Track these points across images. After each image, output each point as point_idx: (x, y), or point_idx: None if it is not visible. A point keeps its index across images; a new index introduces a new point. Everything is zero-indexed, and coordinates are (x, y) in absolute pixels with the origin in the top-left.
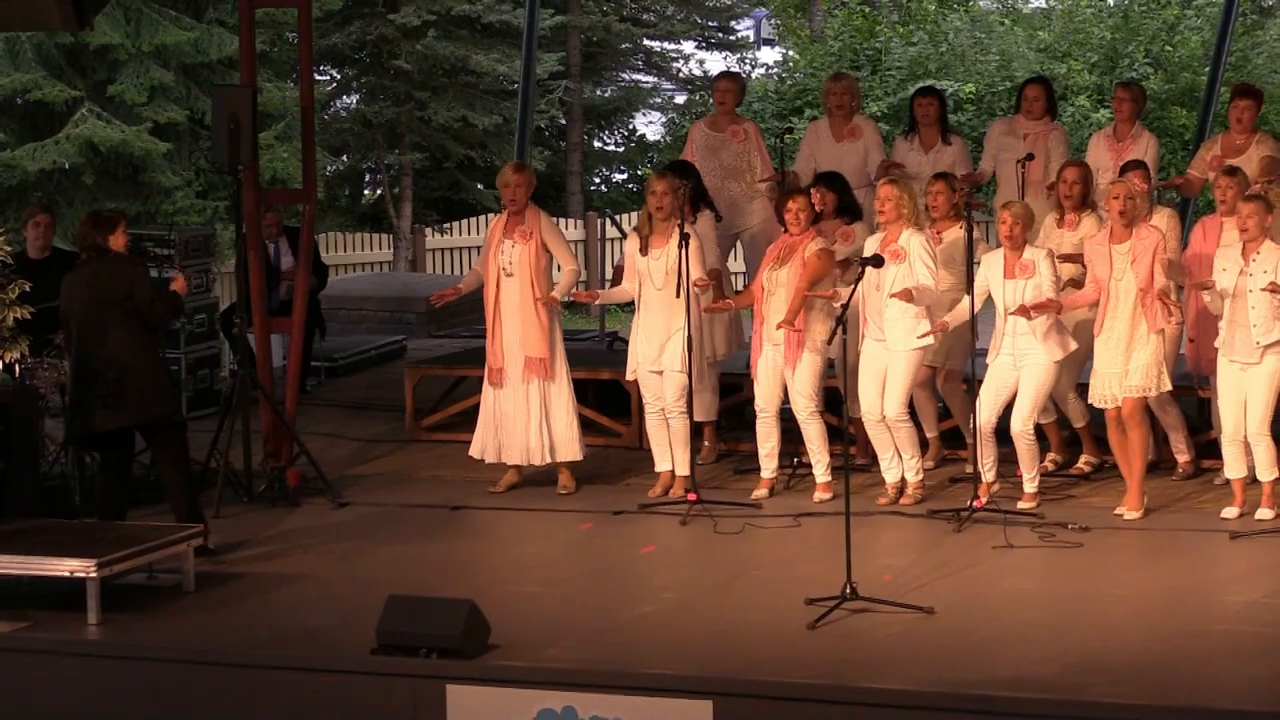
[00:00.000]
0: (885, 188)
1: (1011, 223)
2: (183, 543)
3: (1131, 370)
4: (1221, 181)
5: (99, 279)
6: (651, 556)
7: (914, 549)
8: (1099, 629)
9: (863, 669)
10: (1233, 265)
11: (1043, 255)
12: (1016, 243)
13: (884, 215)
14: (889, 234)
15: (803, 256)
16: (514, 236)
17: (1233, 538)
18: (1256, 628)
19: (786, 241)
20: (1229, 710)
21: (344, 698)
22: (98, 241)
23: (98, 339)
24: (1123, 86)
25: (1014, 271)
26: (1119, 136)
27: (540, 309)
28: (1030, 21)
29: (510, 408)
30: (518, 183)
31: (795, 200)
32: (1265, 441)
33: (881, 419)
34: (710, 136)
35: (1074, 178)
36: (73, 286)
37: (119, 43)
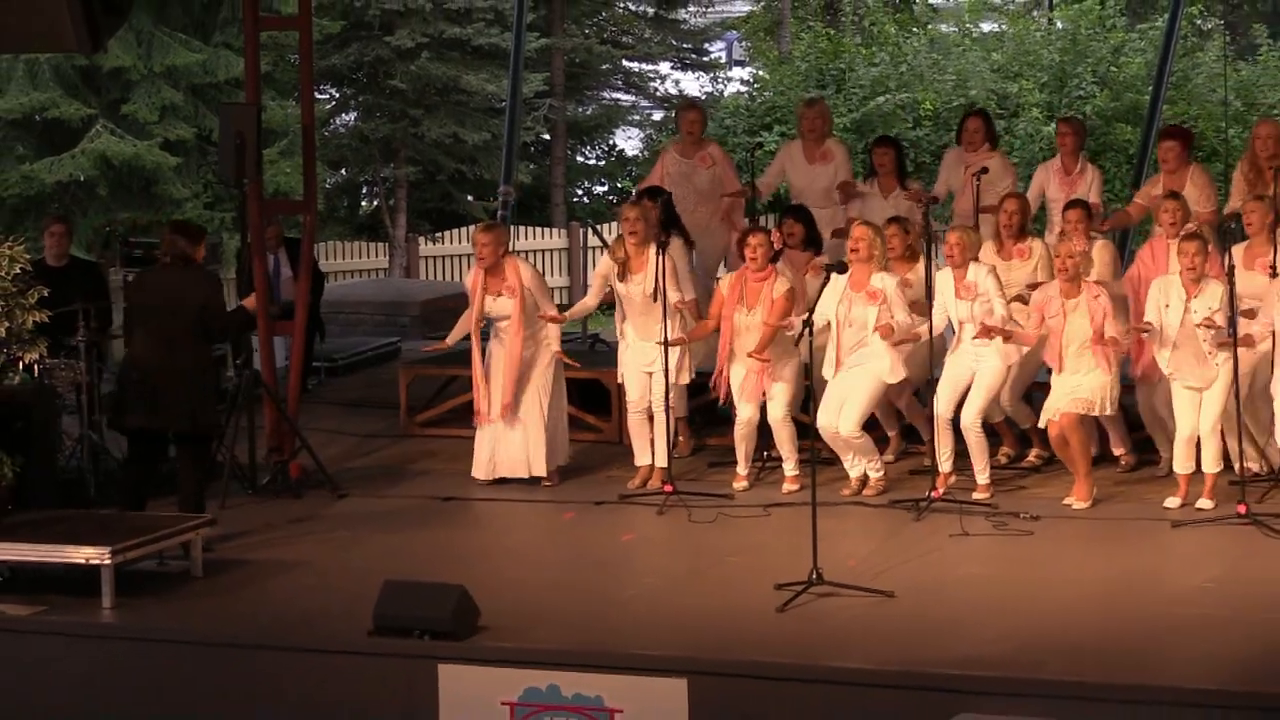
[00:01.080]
0: (859, 229)
1: (953, 244)
2: (192, 531)
3: (1078, 387)
4: (1168, 205)
5: (178, 286)
6: (631, 544)
7: (876, 537)
8: (1050, 611)
9: (829, 649)
10: (1176, 301)
11: (984, 273)
12: (958, 263)
13: (858, 254)
14: (858, 273)
15: (771, 298)
16: (501, 291)
17: (1175, 526)
18: (1199, 609)
19: (747, 278)
20: (1173, 687)
21: (343, 677)
22: (186, 251)
23: (163, 342)
24: (1064, 122)
25: (960, 292)
26: (1067, 170)
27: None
28: (984, 43)
29: (508, 433)
30: (485, 241)
31: (755, 237)
32: (1217, 439)
33: (836, 434)
34: (681, 163)
35: (1013, 209)
36: (149, 286)
37: (131, 64)
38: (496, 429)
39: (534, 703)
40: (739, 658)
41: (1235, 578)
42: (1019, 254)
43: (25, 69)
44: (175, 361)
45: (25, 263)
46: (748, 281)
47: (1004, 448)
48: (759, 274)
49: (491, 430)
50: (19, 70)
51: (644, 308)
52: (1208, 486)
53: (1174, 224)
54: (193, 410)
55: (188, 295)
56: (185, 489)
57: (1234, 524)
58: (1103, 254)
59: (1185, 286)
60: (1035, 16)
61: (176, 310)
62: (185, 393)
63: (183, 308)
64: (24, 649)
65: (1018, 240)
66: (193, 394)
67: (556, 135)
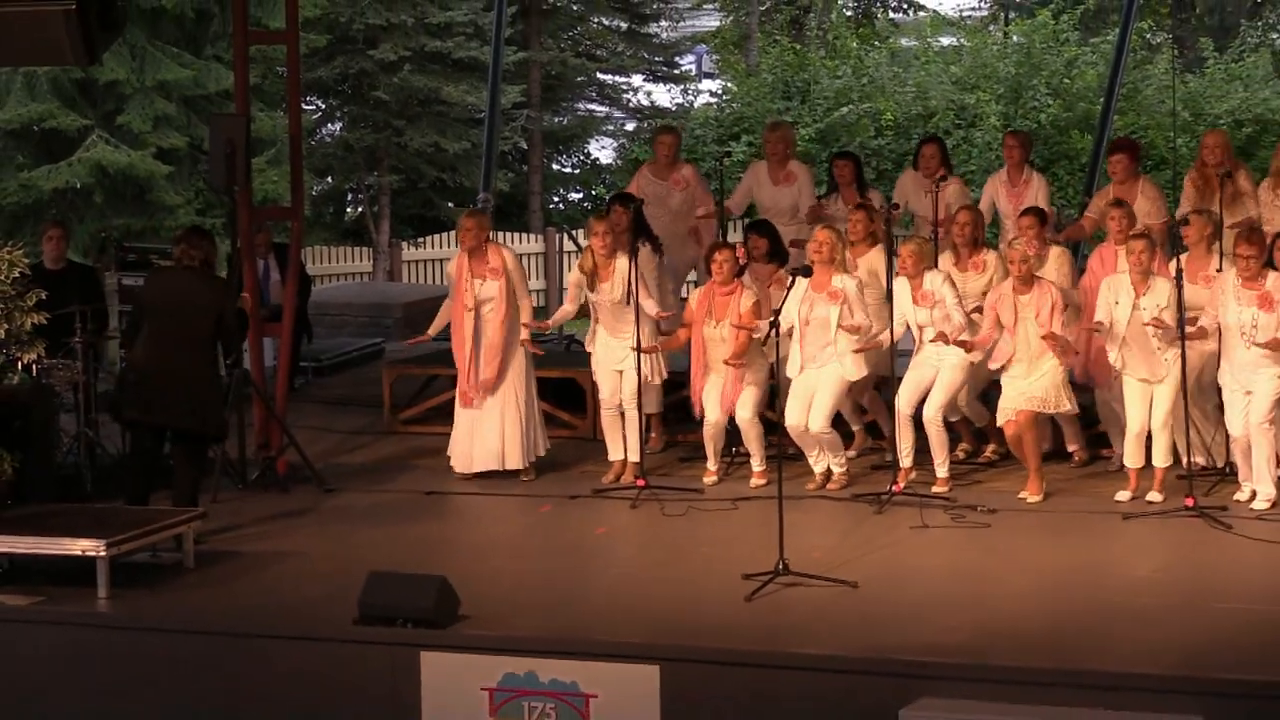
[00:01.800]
0: (822, 232)
1: (905, 256)
2: (184, 525)
3: (1033, 385)
4: (1115, 213)
5: (196, 289)
6: (605, 536)
7: (839, 529)
8: (1006, 599)
9: (794, 636)
10: (1125, 298)
11: (940, 280)
12: (911, 273)
13: (820, 256)
14: (820, 274)
15: (738, 311)
16: (484, 275)
17: (1125, 518)
18: (1148, 598)
19: (715, 292)
20: (1124, 673)
21: (329, 664)
22: (208, 255)
23: (176, 341)
24: (1010, 135)
25: (918, 299)
26: (1013, 182)
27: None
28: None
29: (485, 423)
30: (470, 226)
31: (721, 253)
32: (1167, 434)
33: (805, 431)
34: (656, 184)
35: (965, 220)
36: (166, 285)
37: (125, 77)
38: (476, 419)
39: (512, 688)
40: (709, 645)
41: (1182, 568)
42: (975, 266)
43: (24, 81)
44: (183, 361)
45: (24, 267)
46: (715, 295)
47: (962, 444)
48: (725, 288)
49: (471, 419)
50: (18, 82)
51: (615, 312)
52: (1157, 480)
53: (1121, 231)
54: (201, 410)
55: (204, 299)
56: (180, 485)
57: (1182, 516)
58: (1059, 262)
59: (1134, 284)
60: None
61: (191, 312)
62: (191, 392)
63: (197, 310)
64: (22, 638)
65: (973, 252)
66: (201, 394)
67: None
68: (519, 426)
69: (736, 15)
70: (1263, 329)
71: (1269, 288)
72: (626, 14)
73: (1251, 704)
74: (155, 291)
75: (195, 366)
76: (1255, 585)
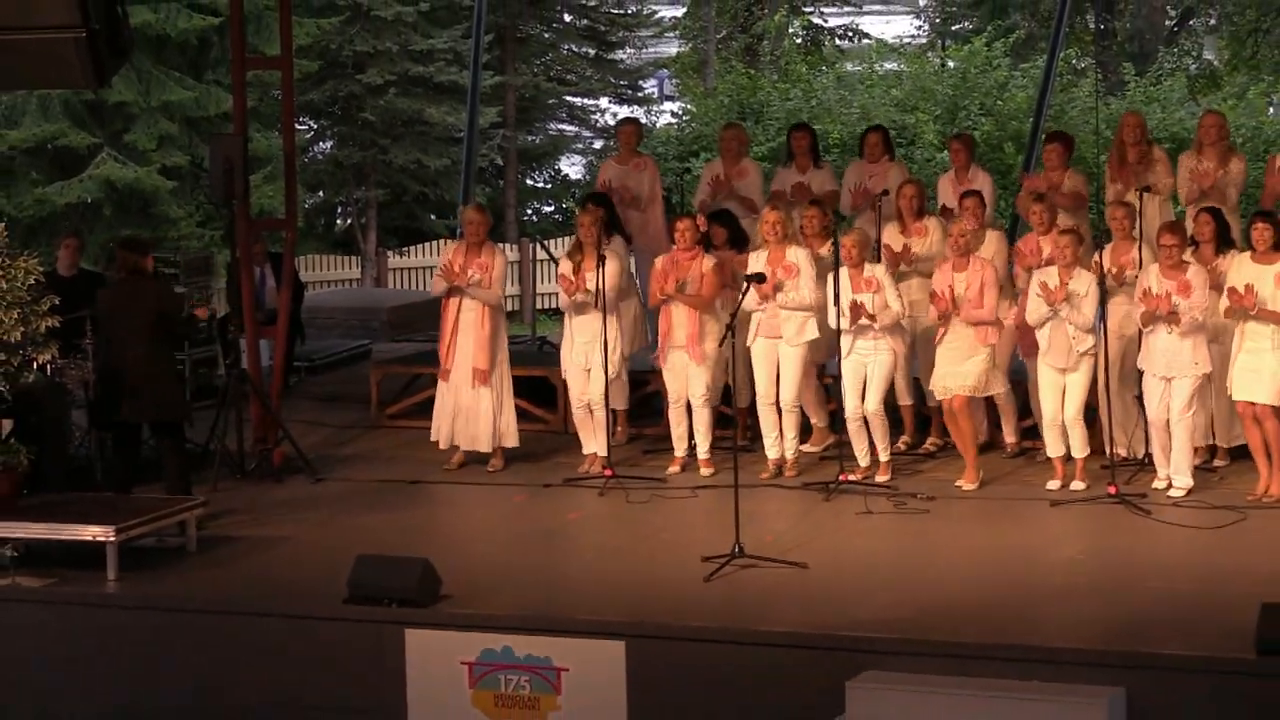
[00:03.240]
0: (770, 213)
1: (850, 246)
2: (187, 512)
3: (965, 372)
4: (1035, 207)
5: (136, 295)
6: (575, 522)
7: (791, 515)
8: (944, 580)
9: (749, 614)
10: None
11: (881, 271)
12: (855, 262)
13: (775, 235)
14: (775, 252)
15: (700, 274)
16: (474, 268)
17: (1053, 505)
18: (1074, 579)
19: (676, 259)
20: (1052, 647)
21: (321, 640)
22: (140, 264)
23: (128, 345)
24: (955, 139)
25: (860, 286)
26: (960, 180)
27: (486, 324)
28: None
29: (464, 403)
30: (476, 220)
31: (682, 222)
32: (1080, 427)
33: (775, 403)
34: (619, 170)
35: (911, 193)
36: (111, 298)
37: (132, 99)
38: (458, 398)
39: (490, 662)
40: (670, 622)
41: (1105, 551)
42: (917, 232)
43: (38, 103)
44: (135, 360)
45: (39, 274)
46: (678, 262)
47: (904, 436)
48: (687, 253)
49: (453, 396)
50: (32, 104)
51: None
52: (1078, 469)
53: (1042, 223)
54: (159, 401)
55: (147, 304)
56: (170, 475)
57: (1105, 503)
58: (994, 240)
59: (1060, 275)
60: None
61: (136, 317)
62: (149, 387)
63: (141, 315)
64: (37, 616)
65: (916, 219)
66: (157, 387)
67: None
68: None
69: (695, 42)
70: (1184, 318)
71: (1189, 276)
72: (594, 41)
73: (1169, 675)
74: (104, 304)
75: (146, 363)
76: (1172, 566)
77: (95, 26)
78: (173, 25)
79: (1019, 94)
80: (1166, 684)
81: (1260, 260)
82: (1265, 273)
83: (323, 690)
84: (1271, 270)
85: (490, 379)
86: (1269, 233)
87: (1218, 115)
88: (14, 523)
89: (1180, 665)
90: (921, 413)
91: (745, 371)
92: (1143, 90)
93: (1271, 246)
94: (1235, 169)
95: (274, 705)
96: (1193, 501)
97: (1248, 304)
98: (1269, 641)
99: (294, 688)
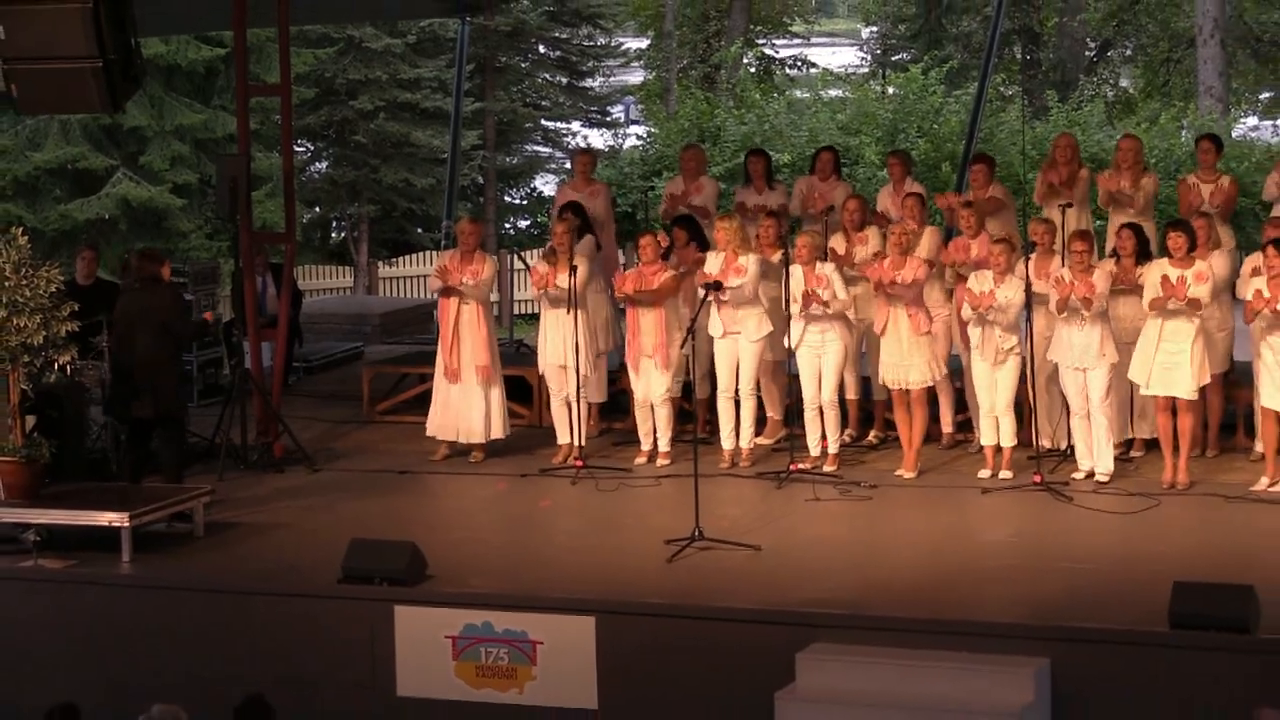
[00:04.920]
0: (722, 223)
1: (801, 246)
2: (194, 500)
3: (913, 366)
4: (963, 213)
5: (149, 302)
6: (549, 509)
7: (746, 502)
8: (886, 561)
9: (708, 592)
10: (985, 287)
11: (829, 268)
12: (806, 260)
13: (730, 244)
14: (729, 257)
15: (659, 281)
16: (467, 274)
17: (984, 492)
18: (1004, 560)
19: (642, 273)
20: (984, 621)
21: (318, 616)
22: (154, 272)
23: (139, 347)
24: (892, 154)
25: (811, 281)
26: (897, 191)
27: (482, 326)
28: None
29: (462, 398)
30: (470, 231)
31: (644, 238)
32: (1009, 418)
33: (734, 396)
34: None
35: (854, 207)
36: (127, 304)
37: (146, 123)
38: (455, 392)
39: (472, 636)
40: (636, 599)
41: (1032, 534)
42: (860, 240)
43: (59, 127)
44: (143, 361)
45: (59, 283)
46: (643, 276)
47: (848, 429)
48: (651, 267)
49: (453, 394)
50: (54, 128)
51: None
52: (1005, 459)
53: (970, 227)
54: (161, 398)
55: (158, 310)
56: (167, 465)
57: (1031, 491)
58: (931, 237)
59: (995, 278)
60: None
61: (148, 322)
62: (151, 385)
63: (152, 320)
64: (57, 595)
65: (859, 230)
66: (159, 386)
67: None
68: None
69: (658, 71)
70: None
71: (1094, 279)
72: (566, 70)
73: (1091, 647)
74: (120, 308)
75: (152, 363)
76: (1093, 548)
77: (111, 57)
78: (183, 56)
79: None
80: (1088, 655)
81: (1177, 265)
82: (1183, 274)
83: (319, 662)
84: (1189, 272)
85: (489, 374)
86: (1182, 239)
87: (1133, 139)
88: (37, 510)
89: (1101, 638)
90: (864, 407)
91: (704, 369)
92: (1065, 115)
93: (1187, 250)
94: (1148, 186)
95: (275, 677)
96: (1111, 489)
97: (1178, 294)
98: (1181, 616)
99: (293, 660)
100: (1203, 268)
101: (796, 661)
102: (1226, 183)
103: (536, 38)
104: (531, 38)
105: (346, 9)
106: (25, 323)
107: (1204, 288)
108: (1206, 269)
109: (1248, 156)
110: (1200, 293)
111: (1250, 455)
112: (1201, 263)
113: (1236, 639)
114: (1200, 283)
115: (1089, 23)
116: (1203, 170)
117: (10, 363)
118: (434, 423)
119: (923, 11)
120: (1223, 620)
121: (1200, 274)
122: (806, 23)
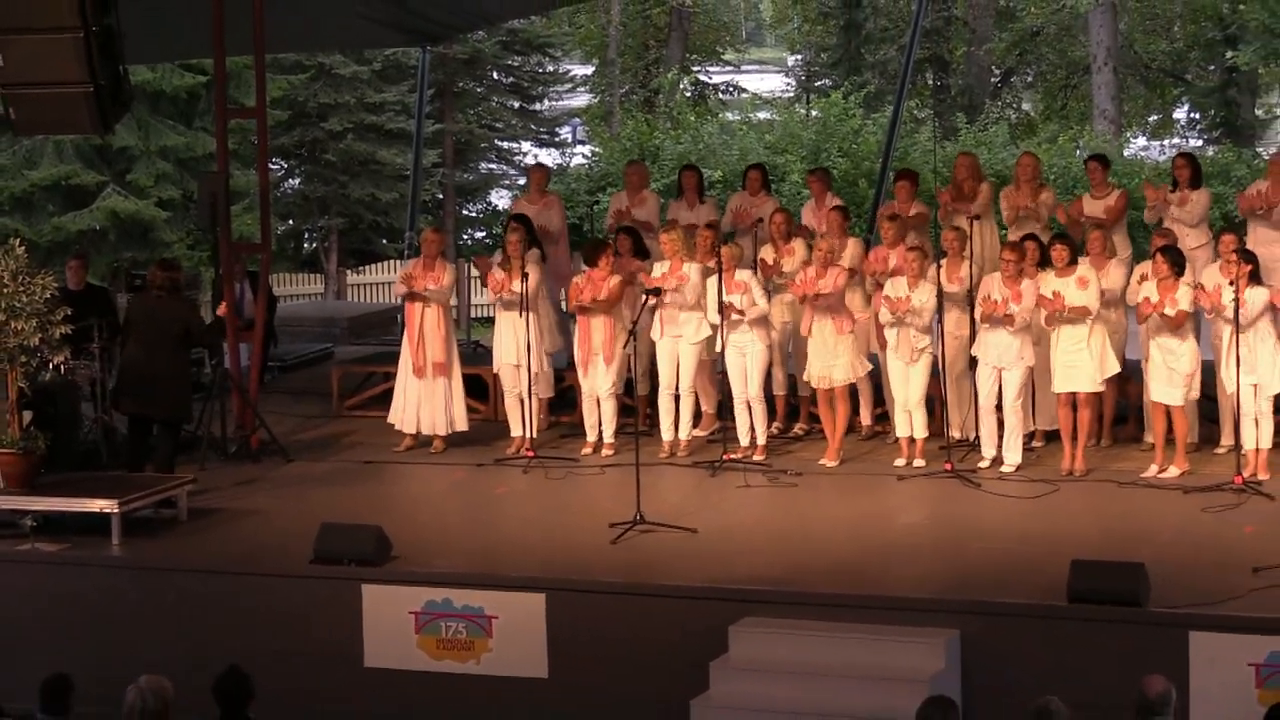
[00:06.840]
0: (666, 233)
1: (725, 257)
2: (179, 488)
3: (838, 365)
4: (885, 224)
5: (165, 309)
6: (503, 495)
7: (683, 488)
8: (810, 541)
9: (649, 571)
10: (902, 294)
11: (748, 275)
12: (728, 268)
13: (674, 253)
14: (674, 265)
15: (608, 288)
16: (428, 280)
17: (900, 479)
18: (919, 540)
19: (592, 278)
20: (899, 596)
21: (291, 594)
22: (174, 279)
23: (152, 351)
24: (811, 173)
25: (732, 288)
26: (819, 207)
27: (442, 327)
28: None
29: (424, 393)
30: (434, 240)
31: (602, 252)
32: (921, 411)
33: (674, 393)
34: (530, 209)
35: (780, 220)
36: (142, 308)
37: (134, 143)
38: (420, 389)
39: (433, 611)
40: (583, 578)
41: (944, 517)
42: (787, 252)
43: (54, 147)
44: (158, 366)
45: (54, 289)
46: (593, 280)
47: (776, 422)
48: (601, 274)
49: (416, 389)
50: (49, 148)
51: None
52: (919, 449)
53: (888, 238)
54: (169, 402)
55: (171, 317)
56: (160, 458)
57: (942, 478)
58: (854, 247)
59: (909, 283)
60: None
61: (161, 327)
62: (163, 388)
63: (167, 325)
64: (52, 576)
65: (786, 242)
66: (170, 389)
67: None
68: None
69: (602, 96)
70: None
71: (1022, 288)
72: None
73: (997, 620)
74: (135, 310)
75: (166, 367)
76: (1000, 530)
77: (101, 83)
78: (168, 82)
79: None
80: (994, 627)
81: (1061, 275)
82: (1067, 281)
83: (293, 636)
84: (1072, 278)
85: (448, 371)
86: (1065, 250)
87: (1032, 156)
88: (33, 497)
89: (1006, 611)
90: (790, 402)
91: (645, 368)
92: (973, 135)
93: (1068, 261)
94: (1046, 199)
95: (252, 650)
96: (1015, 475)
97: (1057, 306)
98: (1078, 591)
99: (269, 635)
100: (1085, 273)
101: (729, 633)
102: (1114, 197)
103: (491, 65)
104: (487, 65)
105: (317, 39)
106: (23, 326)
107: (1085, 293)
108: (1088, 274)
109: (1138, 173)
110: (1084, 299)
111: (1141, 445)
112: (1084, 268)
113: (1129, 611)
114: (1082, 288)
115: (994, 52)
116: (1094, 187)
117: (9, 363)
118: (397, 415)
119: (843, 41)
120: (1116, 595)
121: (1082, 279)
122: (737, 51)
